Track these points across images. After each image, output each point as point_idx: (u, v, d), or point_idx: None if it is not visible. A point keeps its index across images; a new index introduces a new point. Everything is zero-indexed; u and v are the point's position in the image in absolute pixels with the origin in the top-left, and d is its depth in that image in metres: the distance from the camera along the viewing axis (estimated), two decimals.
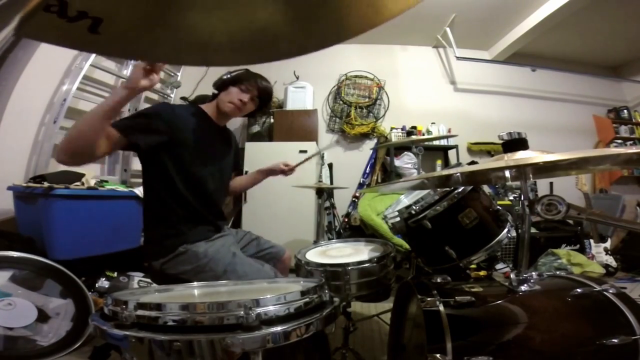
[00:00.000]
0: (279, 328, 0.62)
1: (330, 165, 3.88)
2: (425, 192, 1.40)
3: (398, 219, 1.42)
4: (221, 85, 1.38)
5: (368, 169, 3.93)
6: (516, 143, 0.98)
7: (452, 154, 3.92)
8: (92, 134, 0.98)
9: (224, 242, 1.30)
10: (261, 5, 0.43)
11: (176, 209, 1.25)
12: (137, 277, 2.02)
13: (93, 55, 2.20)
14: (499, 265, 2.83)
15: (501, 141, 1.01)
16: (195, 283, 1.08)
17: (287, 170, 1.66)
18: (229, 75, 1.38)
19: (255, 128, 3.68)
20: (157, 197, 1.26)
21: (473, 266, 2.42)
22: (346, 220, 3.65)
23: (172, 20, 0.42)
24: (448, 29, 3.76)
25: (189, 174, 1.27)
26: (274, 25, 0.44)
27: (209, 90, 1.46)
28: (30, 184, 1.67)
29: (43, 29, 0.36)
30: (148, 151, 1.19)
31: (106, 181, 2.14)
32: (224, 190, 1.49)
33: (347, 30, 0.46)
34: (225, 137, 1.49)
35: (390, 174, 3.71)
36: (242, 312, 0.62)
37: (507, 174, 1.06)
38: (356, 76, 4.07)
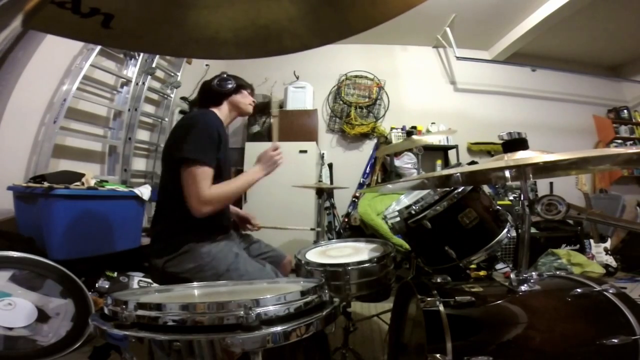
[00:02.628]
0: (279, 328, 0.62)
1: (330, 165, 3.88)
2: (425, 192, 1.40)
3: (398, 219, 1.42)
4: (237, 88, 1.42)
5: (368, 169, 3.94)
6: (516, 143, 0.98)
7: (452, 154, 3.92)
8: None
9: (227, 243, 1.31)
10: (265, 3, 0.44)
11: (187, 209, 1.25)
12: (137, 277, 2.02)
13: (93, 55, 2.21)
14: (499, 265, 2.83)
15: (501, 141, 1.01)
16: (195, 283, 1.08)
17: (250, 227, 1.64)
18: (232, 82, 1.42)
19: (255, 128, 3.68)
20: (174, 198, 1.26)
21: (473, 266, 2.42)
22: (346, 220, 3.65)
23: (179, 17, 0.44)
24: (448, 29, 3.76)
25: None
26: (278, 21, 0.45)
27: None
28: (30, 184, 1.67)
29: (56, 22, 0.37)
30: None
31: (106, 181, 2.14)
32: None
33: (350, 27, 0.46)
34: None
35: (390, 174, 3.71)
36: (242, 312, 0.62)
37: (507, 174, 1.06)
38: (356, 76, 4.07)
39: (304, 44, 0.49)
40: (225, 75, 1.43)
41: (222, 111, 1.41)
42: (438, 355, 0.71)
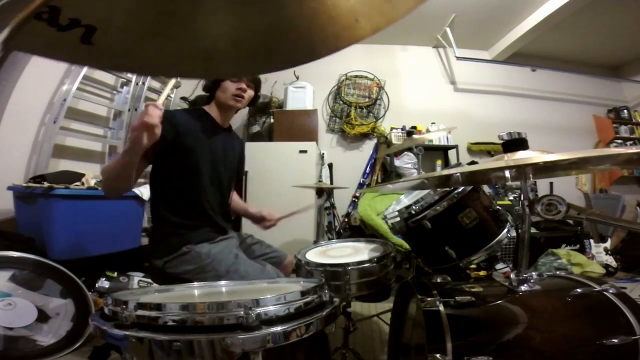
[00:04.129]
0: (279, 328, 0.62)
1: (330, 165, 3.88)
2: (425, 192, 1.40)
3: (398, 219, 1.42)
4: (212, 86, 1.41)
5: (368, 169, 3.93)
6: (516, 143, 0.98)
7: (452, 154, 3.92)
8: (124, 181, 1.11)
9: (227, 244, 1.31)
10: (270, 7, 0.40)
11: (183, 210, 1.26)
12: (137, 277, 2.02)
13: None
14: (499, 265, 2.83)
15: (501, 141, 1.01)
16: (195, 283, 1.08)
17: (267, 224, 1.60)
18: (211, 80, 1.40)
19: (255, 128, 3.68)
20: (164, 197, 1.28)
21: (473, 266, 2.42)
22: (346, 220, 3.65)
23: (170, 28, 0.39)
24: (448, 29, 3.76)
25: (197, 176, 1.28)
26: (280, 29, 0.42)
27: None
28: (30, 184, 1.68)
29: (32, 39, 0.32)
30: (157, 156, 1.22)
31: None
32: (229, 192, 1.49)
33: (363, 30, 0.43)
34: (231, 139, 1.49)
35: (390, 174, 3.71)
36: (242, 312, 0.62)
37: (507, 174, 1.06)
38: (356, 76, 4.07)
39: (313, 53, 0.44)
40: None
41: (212, 109, 1.42)
42: (438, 355, 0.71)
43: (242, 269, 1.23)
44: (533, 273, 0.90)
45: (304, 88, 3.72)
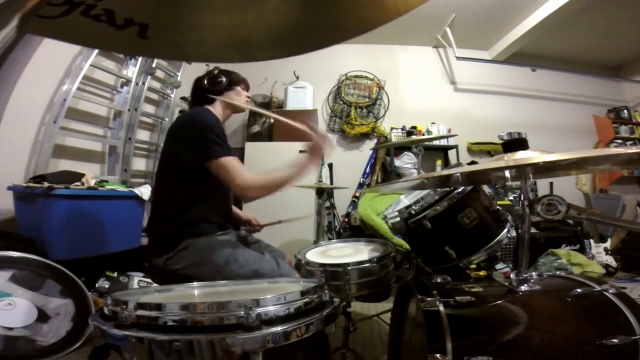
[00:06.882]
0: (279, 328, 0.62)
1: (330, 165, 3.88)
2: (425, 192, 1.40)
3: (398, 219, 1.43)
4: (228, 86, 1.41)
5: (368, 169, 3.93)
6: (516, 143, 0.98)
7: (452, 154, 3.92)
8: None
9: (225, 237, 1.31)
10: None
11: (189, 209, 1.26)
12: (137, 277, 2.02)
13: (93, 55, 2.20)
14: (499, 265, 2.83)
15: (501, 141, 1.01)
16: (195, 283, 1.08)
17: (253, 227, 1.64)
18: (224, 79, 1.40)
19: (255, 128, 3.68)
20: (172, 197, 1.27)
21: (473, 266, 2.42)
22: (346, 220, 3.64)
23: (210, 21, 0.44)
24: (448, 29, 3.76)
25: (214, 178, 1.27)
26: (307, 16, 0.46)
27: None
28: (30, 184, 1.67)
29: (95, 36, 0.38)
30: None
31: (106, 181, 2.14)
32: (231, 191, 1.50)
33: (375, 18, 0.46)
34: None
35: (390, 174, 3.71)
36: (242, 312, 0.62)
37: (507, 174, 1.06)
38: (356, 76, 4.07)
39: (335, 37, 0.49)
40: (216, 72, 1.41)
41: (216, 109, 1.40)
42: (438, 355, 0.71)
43: (241, 257, 1.22)
44: (533, 273, 0.90)
45: (304, 88, 3.72)
